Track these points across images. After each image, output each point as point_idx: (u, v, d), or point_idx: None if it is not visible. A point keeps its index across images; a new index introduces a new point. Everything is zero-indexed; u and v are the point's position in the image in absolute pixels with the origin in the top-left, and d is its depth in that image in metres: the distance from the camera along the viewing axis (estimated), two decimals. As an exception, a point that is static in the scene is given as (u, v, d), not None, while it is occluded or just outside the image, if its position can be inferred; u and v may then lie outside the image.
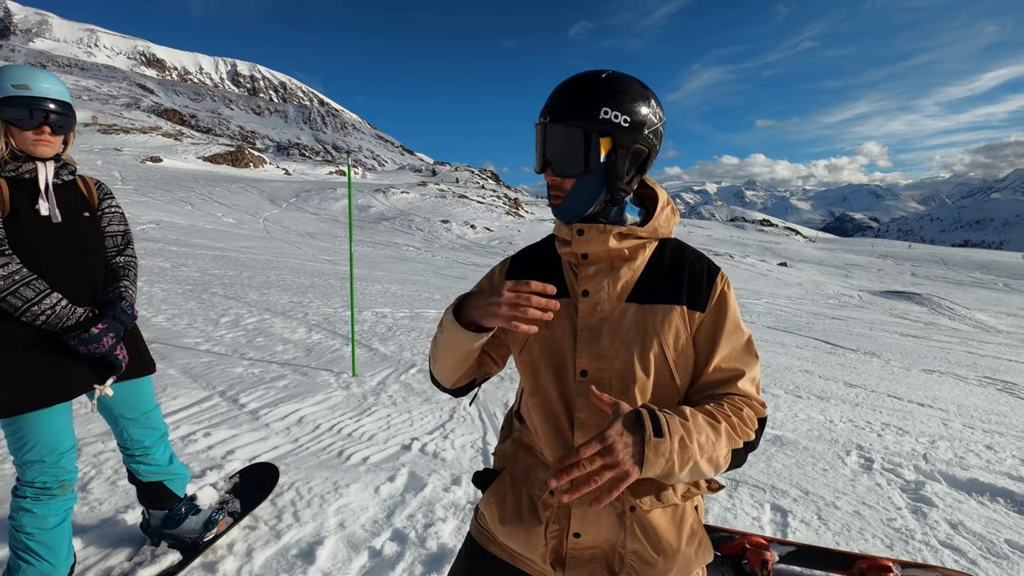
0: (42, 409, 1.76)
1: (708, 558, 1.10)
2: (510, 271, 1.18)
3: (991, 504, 3.23)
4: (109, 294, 1.95)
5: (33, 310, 1.68)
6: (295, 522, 2.51)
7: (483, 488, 1.18)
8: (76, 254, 1.86)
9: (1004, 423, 5.03)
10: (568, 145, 0.99)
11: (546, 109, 1.01)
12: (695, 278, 1.06)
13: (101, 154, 47.84)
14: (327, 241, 24.12)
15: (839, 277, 31.62)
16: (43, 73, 1.76)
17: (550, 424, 1.07)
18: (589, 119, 0.97)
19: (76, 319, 1.77)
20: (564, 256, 1.11)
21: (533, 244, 1.21)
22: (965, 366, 8.24)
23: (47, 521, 1.81)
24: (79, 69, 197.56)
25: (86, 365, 1.85)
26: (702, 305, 1.05)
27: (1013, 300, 24.86)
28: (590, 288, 1.05)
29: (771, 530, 2.78)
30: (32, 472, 1.79)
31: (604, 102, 0.97)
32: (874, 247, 55.62)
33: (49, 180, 1.79)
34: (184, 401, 3.84)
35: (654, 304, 1.04)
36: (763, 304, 15.76)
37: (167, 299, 7.39)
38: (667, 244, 1.11)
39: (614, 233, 1.03)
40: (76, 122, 1.86)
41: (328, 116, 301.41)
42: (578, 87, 0.99)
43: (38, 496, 1.79)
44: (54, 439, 1.81)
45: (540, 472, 1.09)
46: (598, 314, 1.04)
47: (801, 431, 4.25)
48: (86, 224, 1.92)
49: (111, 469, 2.84)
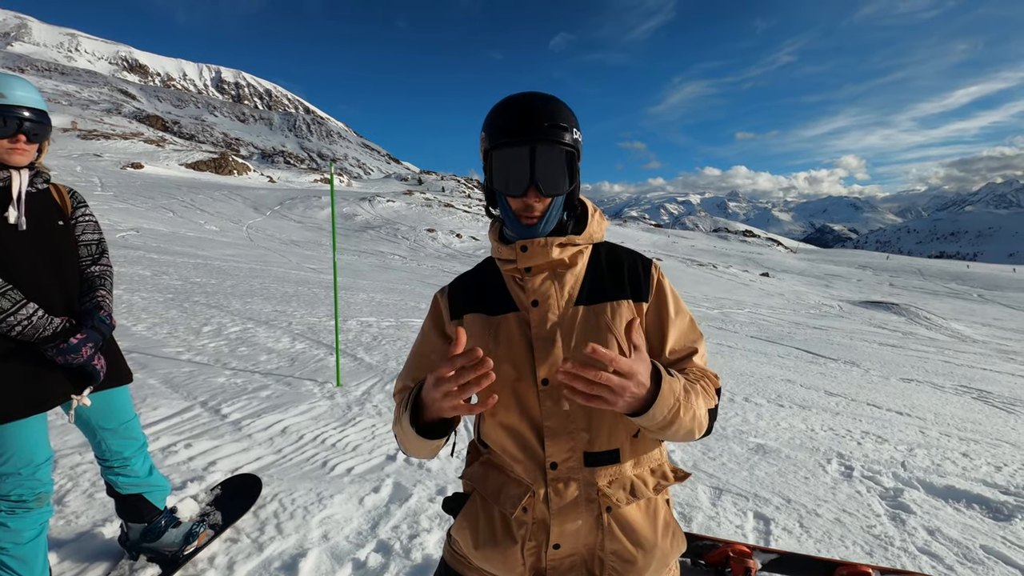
0: (18, 420, 1.72)
1: (682, 548, 1.13)
2: (451, 299, 1.19)
3: (967, 510, 3.30)
4: (86, 304, 1.92)
5: (9, 320, 1.66)
6: (278, 534, 2.48)
7: (454, 514, 1.17)
8: (51, 264, 1.84)
9: (979, 431, 5.14)
10: (558, 166, 1.04)
11: (522, 132, 1.02)
12: (634, 272, 1.13)
13: (80, 160, 47.03)
14: (312, 249, 23.94)
15: (820, 287, 32.12)
16: (18, 80, 1.74)
17: (517, 441, 1.08)
18: (570, 140, 1.04)
19: (53, 329, 1.75)
20: (508, 272, 1.13)
21: (467, 272, 1.24)
22: (942, 375, 8.41)
23: (22, 535, 1.76)
24: (59, 73, 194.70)
25: (63, 375, 1.82)
26: (645, 295, 1.11)
27: (987, 310, 25.45)
28: (539, 298, 1.08)
29: (754, 538, 2.81)
30: (7, 485, 1.75)
31: (573, 122, 1.05)
32: (854, 258, 56.68)
33: (23, 189, 1.76)
34: (165, 411, 3.78)
35: (602, 303, 1.09)
36: (746, 314, 15.95)
37: (147, 308, 7.28)
38: (600, 247, 1.17)
39: (555, 244, 1.08)
40: (51, 130, 1.84)
41: (313, 124, 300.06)
42: (553, 109, 1.04)
43: (13, 509, 1.75)
44: (30, 451, 1.77)
45: (512, 488, 1.08)
46: (550, 321, 1.07)
47: (783, 440, 4.31)
48: (60, 233, 1.89)
49: (88, 481, 2.78)
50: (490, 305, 1.12)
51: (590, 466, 1.05)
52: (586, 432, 1.05)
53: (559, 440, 1.05)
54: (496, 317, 1.10)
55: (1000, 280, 38.36)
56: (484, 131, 1.08)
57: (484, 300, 1.14)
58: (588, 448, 1.05)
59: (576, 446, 1.05)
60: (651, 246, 47.00)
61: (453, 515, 1.17)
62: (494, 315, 1.11)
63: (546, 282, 1.09)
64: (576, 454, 1.05)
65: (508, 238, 1.14)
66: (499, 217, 1.15)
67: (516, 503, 1.06)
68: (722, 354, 8.34)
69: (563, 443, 1.05)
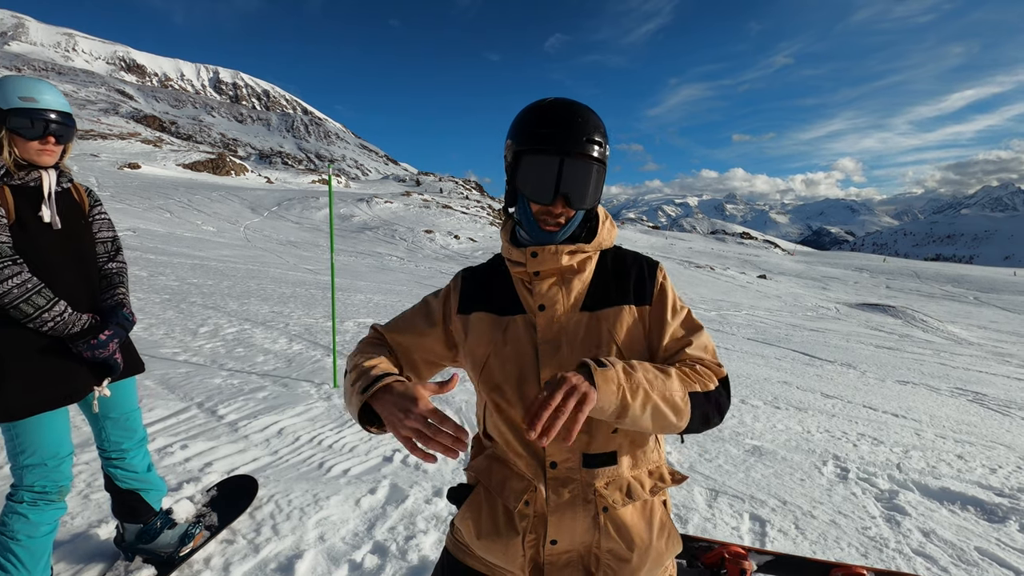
0: (47, 412, 1.79)
1: (677, 549, 1.14)
2: (463, 292, 1.21)
3: (961, 512, 3.31)
4: (108, 300, 2.00)
5: (44, 317, 1.73)
6: (274, 535, 2.48)
7: (458, 504, 1.19)
8: (77, 261, 1.92)
9: (974, 433, 5.16)
10: (589, 180, 1.06)
11: (560, 142, 1.03)
12: (639, 278, 1.14)
13: (77, 160, 46.92)
14: (309, 250, 23.90)
15: (817, 289, 32.20)
16: (45, 84, 1.81)
17: (519, 437, 1.10)
18: (602, 155, 1.06)
19: (81, 326, 1.83)
20: (517, 275, 1.15)
21: (481, 264, 1.25)
22: (938, 377, 8.44)
23: (39, 528, 1.81)
24: (56, 73, 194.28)
25: (87, 369, 1.90)
26: (648, 299, 1.13)
27: (983, 313, 25.54)
28: (545, 302, 1.10)
29: (750, 539, 2.82)
30: (32, 476, 1.80)
31: (606, 137, 1.07)
32: (850, 260, 56.84)
33: (53, 188, 1.84)
34: (161, 413, 3.78)
35: (605, 309, 1.10)
36: (743, 316, 15.98)
37: (144, 308, 7.26)
38: (607, 252, 1.19)
39: (565, 252, 1.09)
40: (76, 132, 1.91)
41: (311, 125, 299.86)
42: (593, 123, 1.05)
43: (35, 501, 1.80)
44: (56, 443, 1.84)
45: (515, 482, 1.11)
46: (555, 326, 1.09)
47: (779, 441, 4.32)
48: (82, 231, 1.97)
49: (83, 482, 2.78)
50: (499, 305, 1.15)
51: (588, 467, 1.07)
52: (585, 434, 1.07)
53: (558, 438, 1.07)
54: (505, 318, 1.13)
55: (996, 283, 38.51)
56: (516, 131, 1.08)
57: (493, 299, 1.16)
58: (586, 449, 1.07)
59: (575, 447, 1.07)
60: (649, 248, 47.06)
61: (457, 505, 1.19)
62: (502, 315, 1.13)
63: (553, 287, 1.11)
64: (575, 455, 1.07)
65: (520, 240, 1.15)
66: (515, 217, 1.16)
67: (519, 496, 1.09)
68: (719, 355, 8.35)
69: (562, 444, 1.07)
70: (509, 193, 1.13)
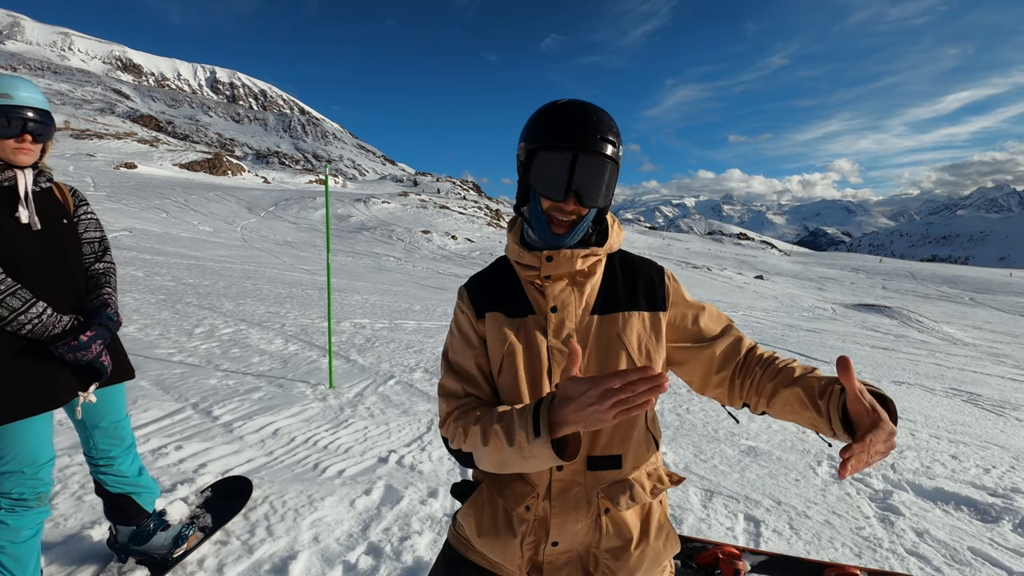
0: (25, 419, 1.74)
1: (675, 549, 1.16)
2: (473, 300, 1.17)
3: (955, 512, 3.32)
4: (93, 301, 1.95)
5: (20, 319, 1.67)
6: (268, 536, 2.47)
7: (461, 499, 1.20)
8: (57, 262, 1.86)
9: (968, 433, 5.18)
10: (601, 179, 1.05)
11: (574, 139, 1.03)
12: (648, 284, 1.16)
13: (73, 159, 46.70)
14: (306, 251, 23.86)
15: (813, 290, 32.30)
16: (22, 81, 1.76)
17: None
18: (615, 155, 1.06)
19: (62, 327, 1.77)
20: (527, 278, 1.14)
21: (481, 272, 1.23)
22: (933, 377, 8.47)
23: (20, 534, 1.77)
24: (52, 72, 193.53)
25: (71, 373, 1.84)
26: (662, 305, 1.14)
27: (978, 313, 25.66)
28: (558, 305, 1.10)
29: (744, 540, 2.82)
30: (9, 483, 1.75)
31: (620, 138, 1.07)
32: (847, 261, 56.98)
33: (29, 188, 1.78)
34: (155, 413, 3.76)
35: (615, 313, 1.11)
36: (740, 316, 16.01)
37: (139, 309, 7.24)
38: (614, 255, 1.20)
39: (579, 256, 1.09)
40: (55, 130, 1.86)
41: (309, 125, 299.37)
42: (607, 122, 1.05)
43: (13, 508, 1.76)
44: (35, 450, 1.78)
45: (518, 486, 1.11)
46: (567, 328, 1.09)
47: (774, 442, 4.33)
48: (65, 231, 1.91)
49: (77, 484, 2.76)
50: (509, 306, 1.14)
51: (592, 470, 1.08)
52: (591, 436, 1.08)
53: None
54: (516, 319, 1.12)
55: (991, 284, 38.67)
56: (531, 130, 1.08)
57: (503, 301, 1.15)
58: (590, 452, 1.08)
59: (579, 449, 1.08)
60: (646, 248, 47.11)
61: (461, 501, 1.20)
62: (513, 317, 1.12)
63: (566, 290, 1.11)
64: (580, 458, 1.08)
65: (531, 243, 1.15)
66: (525, 217, 1.15)
67: (520, 501, 1.09)
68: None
69: None
70: (521, 192, 1.13)
